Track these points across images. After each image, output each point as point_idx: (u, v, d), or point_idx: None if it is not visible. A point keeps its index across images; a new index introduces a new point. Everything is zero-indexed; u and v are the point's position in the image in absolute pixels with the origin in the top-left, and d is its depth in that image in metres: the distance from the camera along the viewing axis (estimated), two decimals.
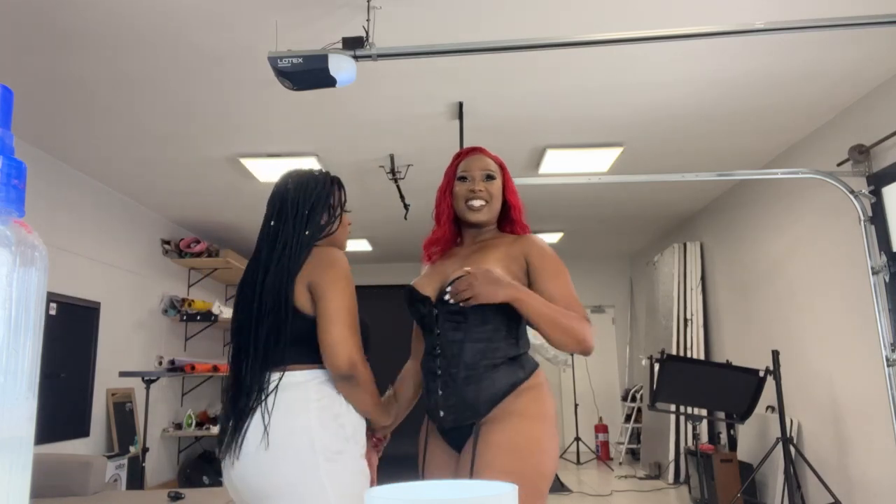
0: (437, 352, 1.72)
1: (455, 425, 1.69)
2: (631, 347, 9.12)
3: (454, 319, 1.71)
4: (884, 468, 3.87)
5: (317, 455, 1.55)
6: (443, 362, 1.71)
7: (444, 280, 1.76)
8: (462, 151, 1.91)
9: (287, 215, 1.73)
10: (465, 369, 1.69)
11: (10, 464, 0.41)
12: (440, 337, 1.72)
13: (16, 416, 0.41)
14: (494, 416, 1.65)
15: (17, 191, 0.42)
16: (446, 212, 1.86)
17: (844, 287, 4.22)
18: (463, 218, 1.85)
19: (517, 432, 1.61)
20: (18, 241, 0.41)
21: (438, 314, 1.74)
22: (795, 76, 3.72)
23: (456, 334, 1.71)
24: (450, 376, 1.69)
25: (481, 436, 1.64)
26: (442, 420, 1.70)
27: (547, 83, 3.76)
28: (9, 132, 0.42)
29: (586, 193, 6.04)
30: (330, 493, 1.54)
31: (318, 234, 1.74)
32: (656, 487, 6.22)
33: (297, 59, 2.57)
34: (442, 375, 1.71)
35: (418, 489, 0.68)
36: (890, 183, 3.76)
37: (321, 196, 1.77)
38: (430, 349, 1.75)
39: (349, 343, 1.60)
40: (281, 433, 1.55)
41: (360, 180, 5.45)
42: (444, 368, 1.70)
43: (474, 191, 1.81)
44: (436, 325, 1.74)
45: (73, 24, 3.05)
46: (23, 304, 0.41)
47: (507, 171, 1.91)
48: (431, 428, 1.79)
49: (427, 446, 1.79)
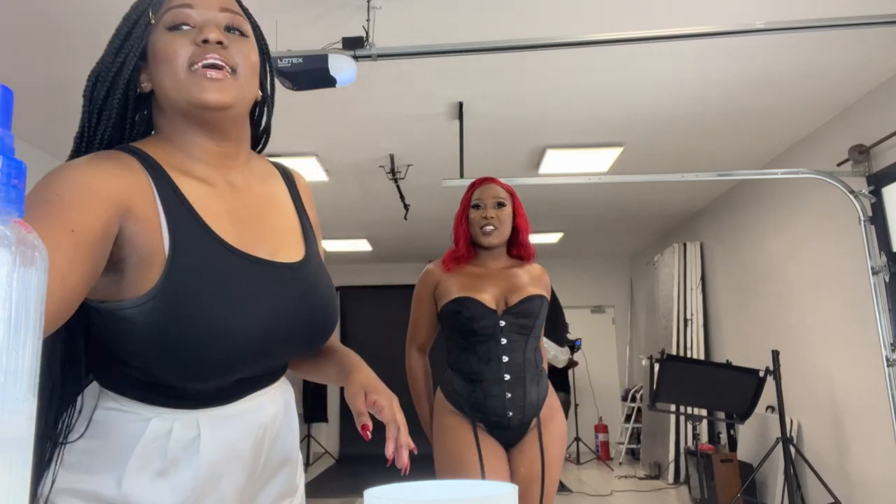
0: (503, 359, 2.00)
1: (520, 423, 2.00)
2: (631, 347, 9.12)
3: (521, 332, 2.05)
4: (884, 468, 3.87)
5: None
6: (510, 368, 2.01)
7: (499, 294, 2.06)
8: (476, 182, 2.23)
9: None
10: (531, 374, 2.04)
11: (10, 464, 0.41)
12: (506, 346, 2.01)
13: (16, 416, 0.41)
14: (545, 414, 2.04)
15: (17, 191, 0.42)
16: (464, 236, 2.16)
17: (844, 287, 4.22)
18: (477, 241, 2.15)
19: (563, 425, 2.07)
20: (18, 241, 0.41)
21: (505, 325, 2.03)
22: (795, 76, 3.72)
23: (519, 343, 2.03)
24: (519, 380, 2.00)
25: (545, 432, 2.02)
26: (510, 419, 1.98)
27: (547, 83, 3.76)
28: (9, 132, 0.42)
29: (586, 193, 6.04)
30: None
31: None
32: (656, 487, 6.22)
33: (297, 59, 2.57)
34: (511, 380, 2.00)
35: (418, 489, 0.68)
36: (890, 183, 3.76)
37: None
38: (491, 357, 2.01)
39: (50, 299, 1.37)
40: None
41: (360, 180, 5.45)
42: (514, 373, 2.01)
43: (487, 217, 2.11)
44: (501, 335, 2.02)
45: (74, 24, 3.05)
46: (23, 304, 0.41)
47: (517, 197, 2.24)
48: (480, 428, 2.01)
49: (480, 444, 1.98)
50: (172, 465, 0.87)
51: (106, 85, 0.90)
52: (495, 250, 2.17)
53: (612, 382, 9.11)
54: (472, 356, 2.02)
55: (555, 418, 2.06)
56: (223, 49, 0.89)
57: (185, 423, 0.88)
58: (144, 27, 0.91)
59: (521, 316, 2.05)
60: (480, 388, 1.99)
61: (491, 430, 2.01)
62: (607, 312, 9.47)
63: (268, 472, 0.98)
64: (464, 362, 2.04)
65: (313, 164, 4.92)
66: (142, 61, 0.92)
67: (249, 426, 0.93)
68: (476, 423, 2.00)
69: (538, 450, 2.01)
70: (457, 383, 2.04)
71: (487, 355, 2.01)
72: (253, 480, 0.95)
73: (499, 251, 2.19)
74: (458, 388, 2.03)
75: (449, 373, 2.10)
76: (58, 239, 0.70)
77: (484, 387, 1.99)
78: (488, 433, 2.01)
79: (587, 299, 9.39)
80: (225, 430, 0.90)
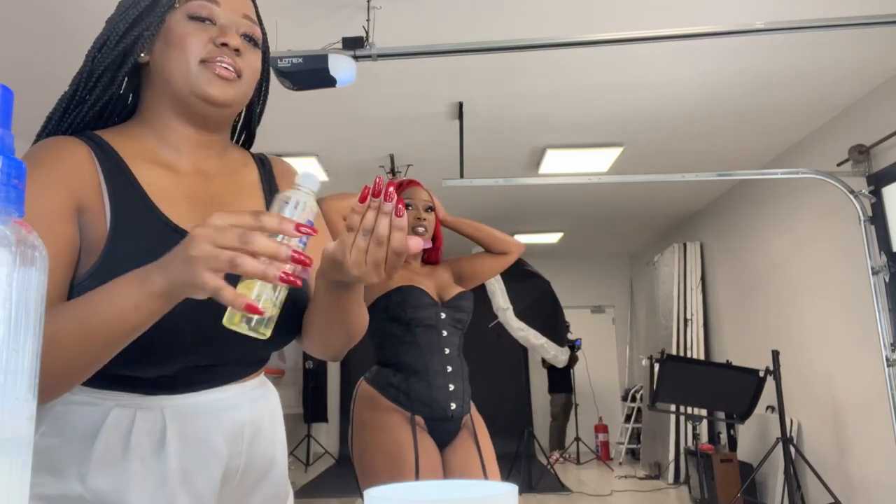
0: (445, 351, 2.03)
1: (458, 417, 2.02)
2: (631, 347, 9.12)
3: (457, 326, 2.10)
4: (884, 468, 3.87)
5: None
6: (451, 360, 2.04)
7: (432, 289, 2.11)
8: (404, 181, 2.26)
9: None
10: (464, 369, 2.08)
11: (10, 464, 0.41)
12: (447, 338, 2.05)
13: (16, 416, 0.41)
14: (473, 412, 2.11)
15: (17, 191, 0.42)
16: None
17: (844, 287, 4.22)
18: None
19: (484, 426, 2.11)
20: (18, 241, 0.41)
21: (445, 318, 2.06)
22: (796, 76, 3.72)
23: (455, 337, 2.08)
24: (458, 373, 2.04)
25: (476, 427, 2.07)
26: (453, 411, 2.00)
27: (547, 83, 3.76)
28: (9, 132, 0.42)
29: (586, 193, 6.04)
30: None
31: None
32: (656, 487, 6.22)
33: (297, 59, 2.57)
34: (453, 372, 2.02)
35: (418, 489, 0.68)
36: (890, 183, 3.76)
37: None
38: (433, 347, 2.03)
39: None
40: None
41: (360, 180, 5.45)
42: (454, 366, 2.04)
43: (420, 219, 2.15)
44: (442, 327, 2.05)
45: (74, 24, 3.05)
46: (23, 304, 0.41)
47: (437, 204, 2.26)
48: (419, 426, 1.98)
49: (418, 443, 1.92)
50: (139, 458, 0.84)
51: (113, 54, 0.91)
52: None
53: (612, 382, 9.11)
54: (413, 347, 2.01)
55: (479, 416, 2.13)
56: (237, 56, 0.92)
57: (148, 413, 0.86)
58: (167, 7, 0.92)
59: (458, 310, 2.10)
60: (425, 379, 1.98)
61: (430, 427, 1.99)
62: (607, 312, 9.46)
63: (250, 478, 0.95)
64: (404, 354, 2.01)
65: (313, 164, 4.93)
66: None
67: (222, 421, 0.90)
68: (415, 418, 1.97)
69: (473, 445, 2.02)
70: (392, 377, 2.00)
71: (430, 346, 2.01)
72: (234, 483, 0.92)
73: (418, 253, 2.19)
74: (396, 381, 1.99)
75: (378, 370, 2.05)
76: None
77: (429, 377, 1.98)
78: (426, 432, 1.99)
79: (587, 299, 9.39)
80: (192, 422, 0.88)
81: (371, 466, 1.89)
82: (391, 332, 2.04)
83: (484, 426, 2.10)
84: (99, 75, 0.91)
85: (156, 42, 0.92)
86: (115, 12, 0.94)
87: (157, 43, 0.92)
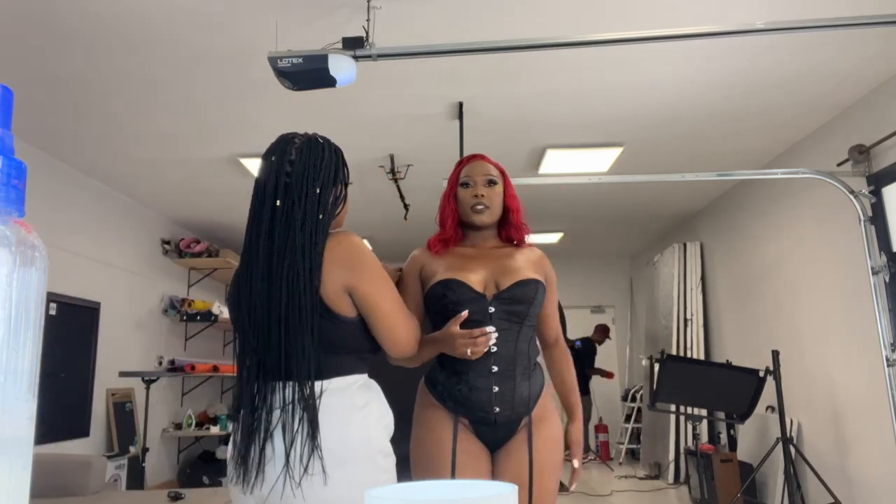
0: (492, 349, 1.81)
1: (508, 420, 1.82)
2: (631, 347, 9.12)
3: (513, 319, 1.84)
4: (884, 468, 3.87)
5: (376, 460, 1.41)
6: (499, 359, 1.81)
7: (488, 277, 1.88)
8: (464, 158, 2.03)
9: (296, 194, 1.47)
10: (522, 367, 1.84)
11: (10, 464, 0.41)
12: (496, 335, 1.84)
13: (16, 416, 0.41)
14: (538, 413, 1.86)
15: (17, 191, 0.42)
16: (452, 215, 1.97)
17: (844, 287, 4.22)
18: (468, 221, 1.96)
19: (558, 428, 1.88)
20: (18, 241, 0.41)
21: (494, 312, 1.83)
22: (795, 76, 3.72)
23: (511, 333, 1.84)
24: (508, 373, 1.81)
25: (536, 433, 1.84)
26: (497, 415, 1.80)
27: (547, 83, 3.76)
28: (9, 132, 0.42)
29: (586, 193, 6.04)
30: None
31: (330, 218, 1.51)
32: (656, 487, 6.22)
33: (297, 59, 2.57)
34: (499, 373, 1.81)
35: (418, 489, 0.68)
36: (890, 183, 3.76)
37: (330, 169, 1.53)
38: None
39: (412, 332, 1.57)
40: (335, 450, 1.36)
41: (360, 180, 5.45)
42: (503, 365, 1.81)
43: (477, 196, 1.93)
44: (490, 323, 1.82)
45: (73, 24, 3.05)
46: (23, 304, 0.41)
47: (507, 176, 2.04)
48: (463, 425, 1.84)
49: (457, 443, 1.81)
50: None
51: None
52: (486, 231, 1.99)
53: (612, 382, 9.11)
54: None
55: (549, 419, 1.87)
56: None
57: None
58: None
59: (514, 302, 1.84)
60: (465, 380, 1.81)
61: (476, 428, 1.84)
62: (607, 312, 9.46)
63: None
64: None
65: None
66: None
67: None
68: (459, 419, 1.83)
69: (526, 453, 1.82)
70: (440, 374, 1.87)
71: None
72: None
73: (489, 232, 2.00)
74: (441, 379, 1.86)
75: (433, 365, 1.92)
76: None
77: (469, 379, 1.81)
78: (472, 432, 1.85)
79: (587, 299, 9.39)
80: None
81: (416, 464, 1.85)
82: (439, 326, 1.88)
83: (551, 432, 1.86)
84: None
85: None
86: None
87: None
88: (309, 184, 1.48)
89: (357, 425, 1.40)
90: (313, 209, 1.47)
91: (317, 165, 1.51)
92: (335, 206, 1.53)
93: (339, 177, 1.56)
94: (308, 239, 1.44)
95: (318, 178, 1.50)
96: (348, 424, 1.39)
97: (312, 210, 1.47)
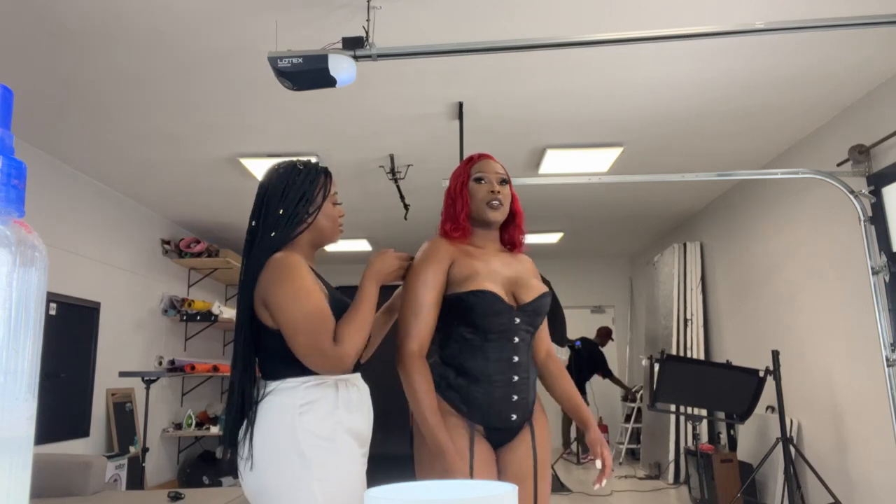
0: (514, 360, 1.84)
1: (520, 424, 1.88)
2: (631, 347, 9.12)
3: (530, 331, 1.88)
4: (884, 468, 3.87)
5: (305, 459, 1.52)
6: (519, 369, 1.85)
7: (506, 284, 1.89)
8: (474, 156, 2.03)
9: (261, 214, 1.69)
10: (532, 374, 1.91)
11: (10, 464, 0.41)
12: (517, 346, 1.85)
13: (16, 416, 0.41)
14: (534, 413, 1.93)
15: (17, 191, 0.42)
16: (465, 210, 1.94)
17: (844, 287, 4.22)
18: (481, 217, 1.94)
19: (549, 426, 1.98)
20: (18, 241, 0.41)
21: (519, 322, 1.85)
22: (795, 76, 3.72)
23: (527, 343, 1.89)
24: (524, 381, 1.86)
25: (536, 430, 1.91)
26: (513, 422, 1.85)
27: (547, 83, 3.76)
28: (9, 132, 0.42)
29: (586, 193, 6.04)
30: (319, 497, 1.50)
31: (283, 237, 1.66)
32: (656, 487, 6.22)
33: (297, 59, 2.57)
34: (519, 382, 1.84)
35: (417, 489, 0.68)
36: (890, 183, 3.76)
37: (299, 192, 1.69)
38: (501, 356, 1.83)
39: (320, 346, 1.53)
40: (264, 443, 1.54)
41: (360, 180, 5.45)
42: (521, 375, 1.85)
43: (494, 192, 1.92)
44: (514, 333, 1.84)
45: (73, 24, 3.05)
46: (23, 304, 0.41)
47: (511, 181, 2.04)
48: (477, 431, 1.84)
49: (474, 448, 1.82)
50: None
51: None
52: (491, 232, 1.97)
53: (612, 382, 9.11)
54: (480, 354, 1.81)
55: (542, 418, 1.94)
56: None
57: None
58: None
59: (535, 314, 1.86)
60: (484, 389, 1.79)
61: (488, 432, 1.84)
62: (607, 312, 9.46)
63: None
64: (470, 359, 1.81)
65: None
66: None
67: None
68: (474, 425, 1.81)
69: (530, 447, 1.88)
70: (453, 378, 1.82)
71: (498, 355, 1.82)
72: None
73: (494, 233, 1.98)
74: (456, 384, 1.81)
75: (441, 365, 1.87)
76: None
77: (489, 388, 1.80)
78: (483, 436, 1.84)
79: (587, 299, 9.39)
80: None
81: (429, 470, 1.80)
82: (461, 335, 1.84)
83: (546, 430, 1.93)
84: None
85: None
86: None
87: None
88: (273, 206, 1.67)
89: (285, 422, 1.54)
90: (269, 229, 1.66)
91: (284, 189, 1.69)
92: (290, 226, 1.68)
93: (305, 197, 1.71)
94: (255, 257, 1.65)
95: (283, 201, 1.68)
96: (277, 420, 1.54)
97: (268, 229, 1.66)
